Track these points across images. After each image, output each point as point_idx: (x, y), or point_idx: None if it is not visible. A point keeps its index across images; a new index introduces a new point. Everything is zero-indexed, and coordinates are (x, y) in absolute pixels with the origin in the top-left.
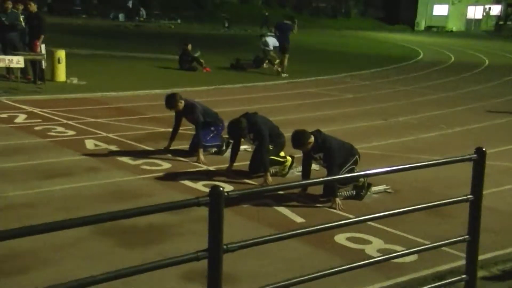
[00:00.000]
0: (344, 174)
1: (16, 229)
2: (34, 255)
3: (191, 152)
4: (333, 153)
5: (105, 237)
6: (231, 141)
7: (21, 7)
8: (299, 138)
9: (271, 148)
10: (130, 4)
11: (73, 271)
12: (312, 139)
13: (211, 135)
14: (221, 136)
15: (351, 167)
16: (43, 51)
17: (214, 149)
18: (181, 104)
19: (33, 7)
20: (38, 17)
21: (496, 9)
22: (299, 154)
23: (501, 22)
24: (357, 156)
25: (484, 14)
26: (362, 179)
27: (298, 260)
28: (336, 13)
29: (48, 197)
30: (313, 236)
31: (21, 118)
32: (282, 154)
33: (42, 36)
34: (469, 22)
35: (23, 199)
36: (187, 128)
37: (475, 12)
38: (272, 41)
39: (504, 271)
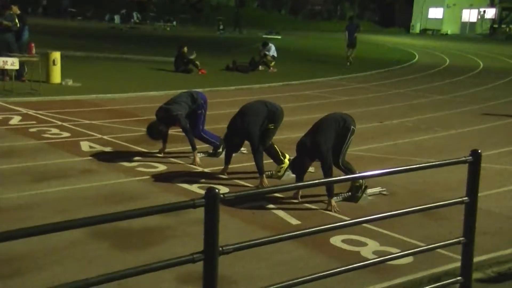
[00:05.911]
0: (346, 151)
1: (10, 232)
2: (28, 258)
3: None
4: (323, 156)
5: (100, 239)
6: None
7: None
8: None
9: (272, 128)
10: (123, 12)
11: (68, 273)
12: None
13: (202, 119)
14: (219, 137)
15: (350, 139)
16: None
17: (210, 150)
18: (164, 129)
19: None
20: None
21: (490, 13)
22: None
23: (495, 26)
24: (353, 127)
25: (479, 17)
26: (360, 180)
27: (294, 262)
28: (332, 16)
29: (43, 199)
30: (308, 238)
31: (15, 120)
32: (287, 156)
33: None
34: (464, 25)
35: (17, 202)
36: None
37: (469, 16)
38: (273, 49)
39: (500, 273)
